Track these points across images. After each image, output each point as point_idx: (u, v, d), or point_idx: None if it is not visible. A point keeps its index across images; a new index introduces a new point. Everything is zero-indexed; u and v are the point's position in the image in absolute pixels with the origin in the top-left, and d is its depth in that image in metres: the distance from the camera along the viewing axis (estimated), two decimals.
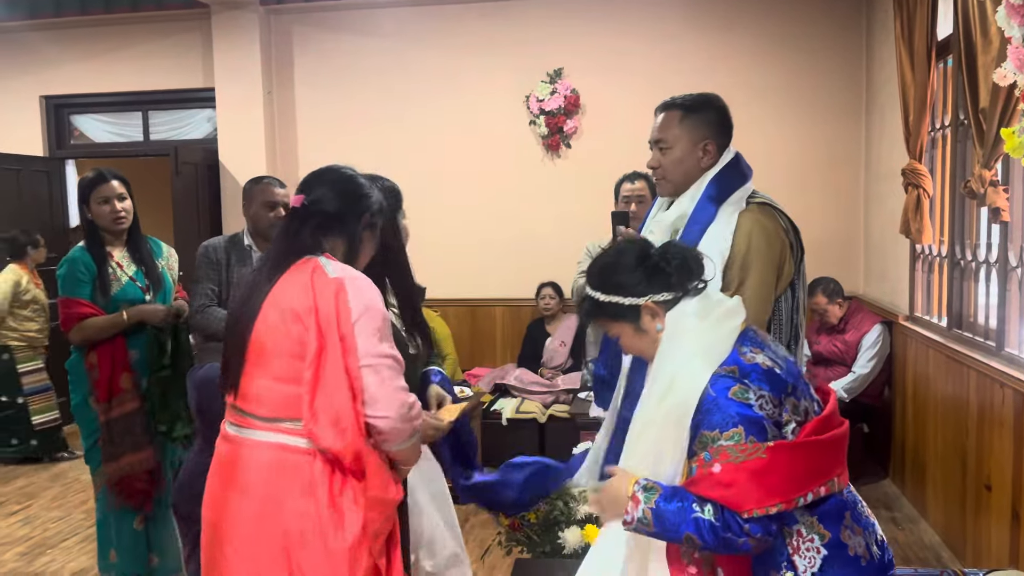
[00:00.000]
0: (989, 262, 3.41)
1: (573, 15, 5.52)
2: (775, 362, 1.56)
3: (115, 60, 6.13)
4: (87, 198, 3.09)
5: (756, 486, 1.45)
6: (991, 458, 3.16)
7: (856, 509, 1.59)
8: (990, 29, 2.98)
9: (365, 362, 1.66)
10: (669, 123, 2.13)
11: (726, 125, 2.14)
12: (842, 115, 5.32)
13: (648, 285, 1.63)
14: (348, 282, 1.70)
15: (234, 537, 1.74)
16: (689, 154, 2.10)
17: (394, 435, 1.71)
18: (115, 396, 3.05)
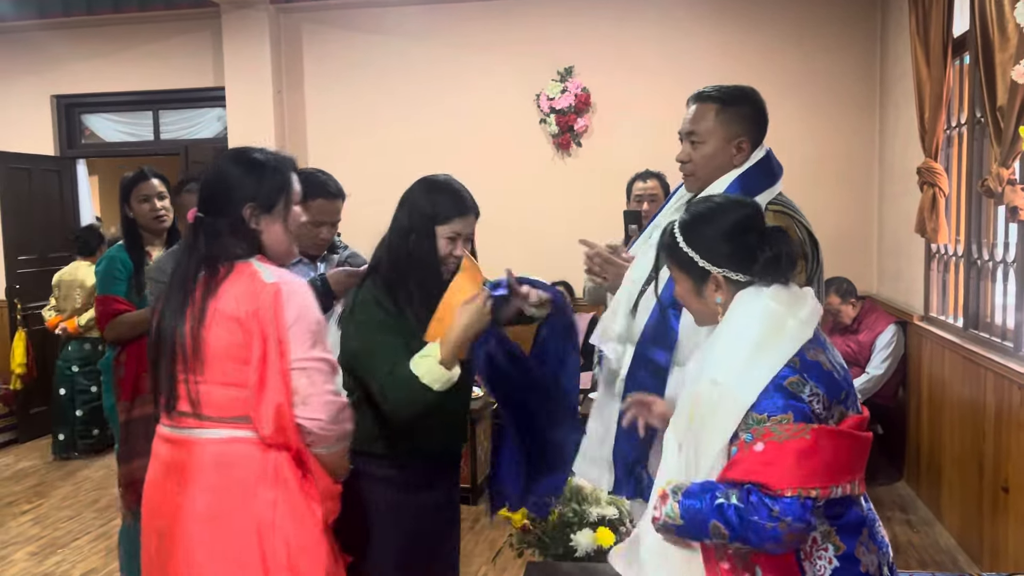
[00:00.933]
0: (1006, 262, 3.37)
1: (583, 13, 5.50)
2: (834, 367, 1.53)
3: (125, 59, 6.14)
4: (128, 196, 3.08)
5: (798, 466, 1.42)
6: (1009, 460, 3.12)
7: (875, 527, 1.56)
8: (1007, 26, 2.94)
9: (297, 365, 1.72)
10: (703, 116, 2.02)
11: (762, 121, 2.04)
12: (856, 112, 5.28)
13: (730, 258, 1.57)
14: (283, 287, 1.75)
15: (196, 539, 1.72)
16: (722, 151, 2.00)
17: (322, 437, 1.75)
18: (138, 396, 2.97)
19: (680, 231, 1.63)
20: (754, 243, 1.57)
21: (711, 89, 2.04)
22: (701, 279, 1.60)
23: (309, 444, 1.75)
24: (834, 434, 1.46)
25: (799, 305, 1.55)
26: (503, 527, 3.76)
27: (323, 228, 2.60)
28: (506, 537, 2.85)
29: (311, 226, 2.56)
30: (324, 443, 1.76)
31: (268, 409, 1.70)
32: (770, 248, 1.56)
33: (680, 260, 1.62)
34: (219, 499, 1.72)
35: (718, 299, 1.59)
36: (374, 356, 1.92)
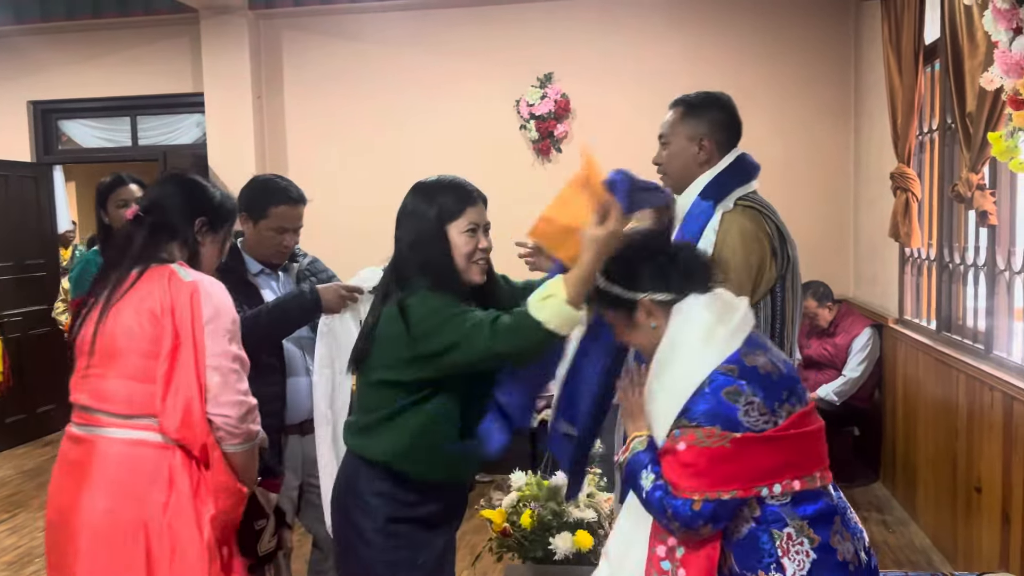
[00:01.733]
0: (977, 265, 3.43)
1: (563, 20, 5.54)
2: (775, 366, 1.58)
3: (103, 65, 6.10)
4: (105, 201, 3.05)
5: (711, 470, 1.50)
6: (981, 461, 3.17)
7: (846, 515, 1.61)
8: (977, 33, 3.00)
9: (212, 362, 1.78)
10: (672, 119, 2.16)
11: (731, 125, 2.15)
12: (831, 118, 5.34)
13: (651, 282, 1.64)
14: (201, 286, 1.82)
15: (88, 534, 1.78)
16: (685, 149, 2.11)
17: (230, 434, 1.82)
18: None
19: (601, 275, 1.69)
20: (665, 261, 1.65)
21: (685, 95, 2.17)
22: (631, 311, 1.66)
23: (219, 441, 1.81)
24: (757, 440, 1.50)
25: (730, 313, 1.60)
26: (484, 532, 3.76)
27: (286, 235, 2.55)
28: (486, 542, 2.86)
29: (274, 233, 2.53)
30: (231, 441, 1.82)
31: (176, 404, 1.76)
32: (681, 261, 1.65)
33: (607, 300, 1.69)
34: (113, 498, 1.78)
35: (653, 324, 1.64)
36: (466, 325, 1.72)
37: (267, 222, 2.52)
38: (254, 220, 2.54)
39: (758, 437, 1.50)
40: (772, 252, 2.03)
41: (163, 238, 1.90)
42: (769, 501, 1.53)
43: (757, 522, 1.54)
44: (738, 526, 1.55)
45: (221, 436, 1.81)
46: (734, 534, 1.55)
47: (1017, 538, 2.84)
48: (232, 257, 2.56)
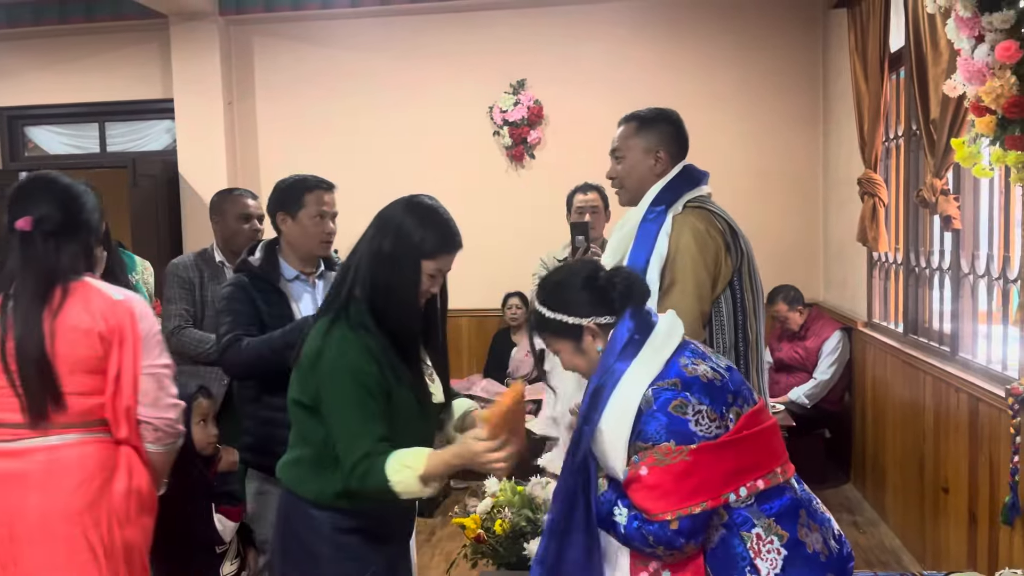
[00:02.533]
0: (942, 269, 3.49)
1: (536, 27, 5.56)
2: (717, 372, 1.60)
3: (71, 71, 6.02)
4: None
5: (677, 488, 1.51)
6: (947, 461, 3.22)
7: (811, 506, 1.62)
8: (940, 42, 3.07)
9: (148, 371, 1.93)
10: (625, 134, 2.24)
11: (680, 138, 2.24)
12: (801, 124, 5.41)
13: (592, 307, 1.68)
14: (134, 304, 1.96)
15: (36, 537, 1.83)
16: (641, 161, 2.20)
17: (168, 434, 1.98)
18: None
19: (542, 305, 1.73)
20: (605, 285, 1.69)
21: (635, 111, 2.26)
22: (577, 336, 1.69)
23: (153, 441, 1.95)
24: (714, 448, 1.52)
25: (653, 335, 1.63)
26: (458, 539, 3.76)
27: (327, 220, 2.54)
28: (460, 548, 2.85)
29: (317, 219, 2.51)
30: (167, 439, 1.98)
31: (121, 412, 1.91)
32: (619, 283, 1.68)
33: (553, 328, 1.72)
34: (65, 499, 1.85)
35: (599, 347, 1.68)
36: (352, 426, 1.74)
37: (306, 211, 2.50)
38: (292, 214, 2.52)
39: (714, 444, 1.52)
40: (726, 246, 2.12)
41: (72, 254, 1.92)
42: (735, 504, 1.54)
43: (727, 528, 1.55)
44: (709, 535, 1.56)
45: (159, 436, 1.95)
46: (707, 544, 1.56)
47: (984, 537, 2.89)
48: (267, 262, 2.54)
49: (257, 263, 2.54)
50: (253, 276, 2.52)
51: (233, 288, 2.51)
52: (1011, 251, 2.83)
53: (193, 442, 2.39)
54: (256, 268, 2.53)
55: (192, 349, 3.01)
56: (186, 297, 3.05)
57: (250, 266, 2.54)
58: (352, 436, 1.74)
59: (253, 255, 2.58)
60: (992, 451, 2.80)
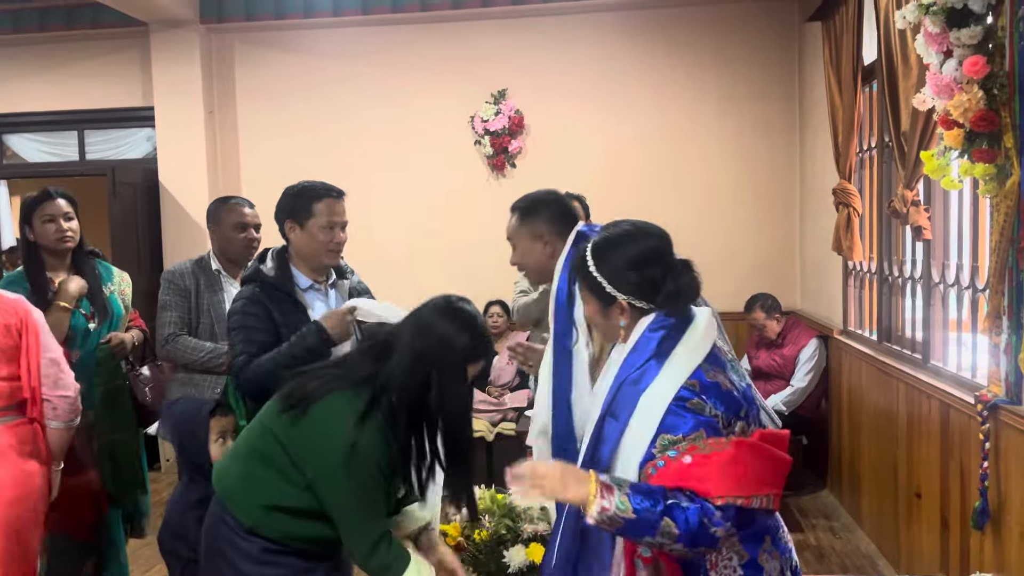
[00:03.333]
0: (914, 278, 3.55)
1: (517, 37, 5.60)
2: (733, 386, 1.60)
3: (50, 79, 5.99)
4: (30, 217, 2.89)
5: (725, 476, 1.49)
6: (920, 467, 3.28)
7: (777, 535, 1.64)
8: (910, 56, 3.13)
9: (48, 356, 2.40)
10: (512, 225, 2.36)
11: (564, 215, 2.31)
12: (778, 135, 5.49)
13: (633, 288, 1.64)
14: (22, 301, 2.43)
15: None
16: (531, 247, 2.31)
17: (69, 411, 2.43)
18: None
19: (591, 255, 1.69)
20: (658, 276, 1.64)
21: (517, 201, 2.36)
22: (607, 303, 1.67)
23: (54, 418, 2.39)
24: (752, 447, 1.52)
25: (690, 332, 1.61)
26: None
27: (336, 230, 2.47)
28: None
29: (326, 229, 2.44)
30: (68, 417, 2.42)
31: (36, 391, 2.34)
32: (673, 281, 1.63)
33: (590, 283, 1.69)
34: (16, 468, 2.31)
35: (622, 322, 1.66)
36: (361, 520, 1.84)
37: (315, 220, 2.44)
38: (301, 222, 2.45)
39: (752, 444, 1.52)
40: None
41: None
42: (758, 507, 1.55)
43: None
44: None
45: (59, 414, 2.40)
46: None
47: (955, 542, 2.95)
48: (280, 272, 2.46)
49: (271, 272, 2.46)
50: (267, 286, 2.43)
51: (246, 303, 2.41)
52: (980, 261, 2.90)
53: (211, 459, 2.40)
54: (271, 278, 2.45)
55: (186, 357, 3.00)
56: (182, 305, 3.03)
57: (264, 275, 2.45)
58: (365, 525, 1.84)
59: (264, 263, 2.50)
60: (963, 457, 2.86)
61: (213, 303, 3.06)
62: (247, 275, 2.51)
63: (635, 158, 5.51)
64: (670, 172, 5.45)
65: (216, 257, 3.14)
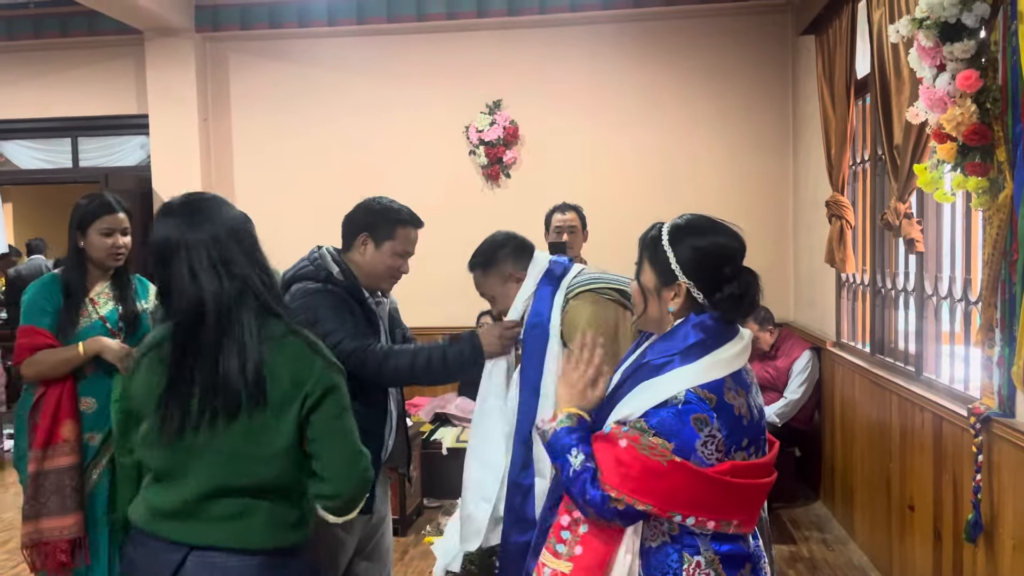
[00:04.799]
0: (907, 290, 3.56)
1: (512, 48, 5.63)
2: (749, 411, 1.57)
3: (44, 85, 5.99)
4: (86, 225, 2.74)
5: (640, 478, 1.50)
6: (913, 479, 3.28)
7: (758, 565, 1.63)
8: (903, 71, 3.15)
9: None
10: (480, 281, 2.39)
11: (521, 249, 2.37)
12: (771, 148, 5.52)
13: (697, 276, 1.61)
14: None
15: None
16: (507, 291, 2.34)
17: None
18: (51, 445, 2.63)
19: (668, 231, 1.66)
20: (727, 275, 1.61)
21: (472, 258, 2.40)
22: (666, 281, 1.63)
23: None
24: (689, 472, 1.50)
25: (726, 347, 1.59)
26: (431, 558, 3.74)
27: (405, 260, 2.44)
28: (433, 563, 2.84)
29: (398, 256, 2.40)
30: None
31: None
32: (737, 285, 1.60)
33: (657, 255, 1.65)
34: None
35: (671, 308, 1.63)
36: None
37: (393, 244, 2.39)
38: (378, 241, 2.39)
39: (693, 470, 1.50)
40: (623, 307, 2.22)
41: None
42: (691, 527, 1.55)
43: (673, 540, 1.56)
44: (655, 535, 1.57)
45: None
46: (648, 541, 1.57)
47: (948, 554, 2.95)
48: (352, 278, 2.38)
49: (341, 277, 2.37)
50: (342, 291, 2.35)
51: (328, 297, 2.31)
52: (973, 274, 2.91)
53: None
54: (343, 282, 2.37)
55: None
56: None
57: (335, 279, 2.36)
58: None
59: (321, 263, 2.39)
60: (956, 469, 2.86)
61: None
62: (308, 272, 2.37)
63: (629, 169, 5.53)
64: (663, 183, 5.47)
65: None
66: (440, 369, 2.32)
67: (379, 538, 2.56)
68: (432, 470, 4.65)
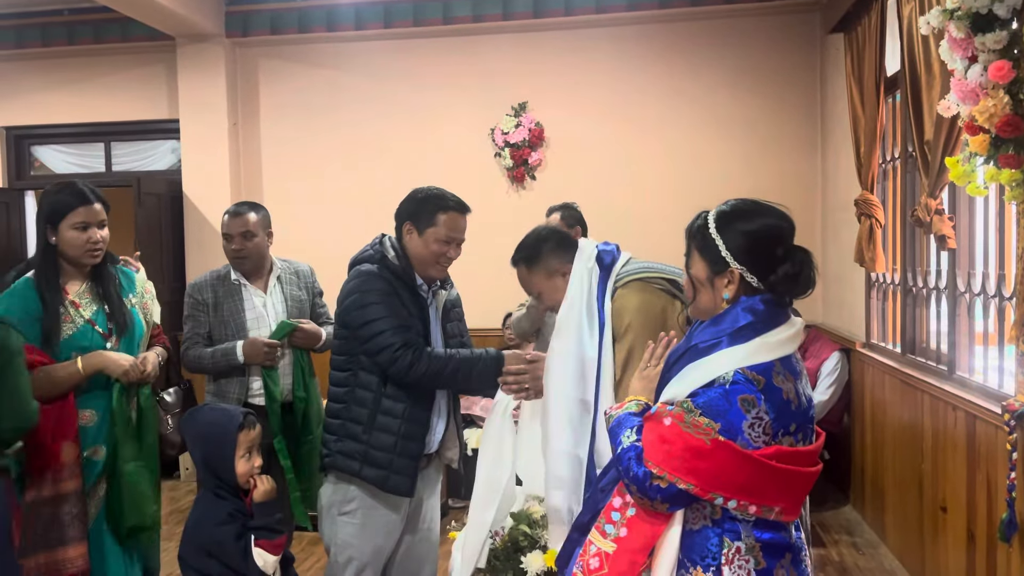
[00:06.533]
0: (939, 288, 3.51)
1: (537, 50, 5.64)
2: (796, 398, 1.56)
3: (78, 91, 6.10)
4: (58, 219, 2.45)
5: (683, 458, 1.51)
6: (945, 480, 3.23)
7: (799, 556, 1.62)
8: (934, 65, 3.12)
9: None
10: (524, 277, 2.38)
11: (564, 242, 2.35)
12: (799, 147, 5.47)
13: (751, 260, 1.59)
14: None
15: None
16: (553, 286, 2.32)
17: None
18: (50, 470, 2.35)
19: (714, 218, 1.64)
20: (779, 255, 1.59)
21: (515, 253, 2.38)
22: (718, 269, 1.61)
23: None
24: (733, 453, 1.49)
25: (777, 331, 1.57)
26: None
27: (452, 246, 2.48)
28: None
29: (442, 243, 2.43)
30: None
31: None
32: (792, 265, 1.59)
33: (706, 244, 1.63)
34: None
35: (726, 295, 1.61)
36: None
37: (435, 230, 2.43)
38: (421, 229, 2.45)
39: (738, 451, 1.49)
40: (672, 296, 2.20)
41: None
42: (733, 511, 1.54)
43: (714, 523, 1.56)
44: (696, 518, 1.57)
45: None
46: (690, 524, 1.58)
47: (982, 556, 2.89)
48: (405, 262, 2.46)
49: (397, 261, 2.45)
50: (391, 272, 2.45)
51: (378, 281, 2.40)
52: (1007, 269, 2.86)
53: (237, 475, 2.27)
54: (396, 266, 2.45)
55: (199, 367, 3.07)
56: (200, 318, 3.06)
57: (390, 262, 2.45)
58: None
59: (381, 247, 2.49)
60: (989, 469, 2.81)
61: (233, 312, 3.07)
62: (367, 256, 2.48)
63: (655, 171, 5.51)
64: (690, 184, 5.43)
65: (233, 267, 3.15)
66: (464, 382, 2.45)
67: (419, 520, 2.70)
68: (459, 470, 4.64)
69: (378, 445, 2.42)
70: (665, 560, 1.56)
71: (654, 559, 1.58)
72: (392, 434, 2.43)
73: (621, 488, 1.64)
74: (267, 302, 3.12)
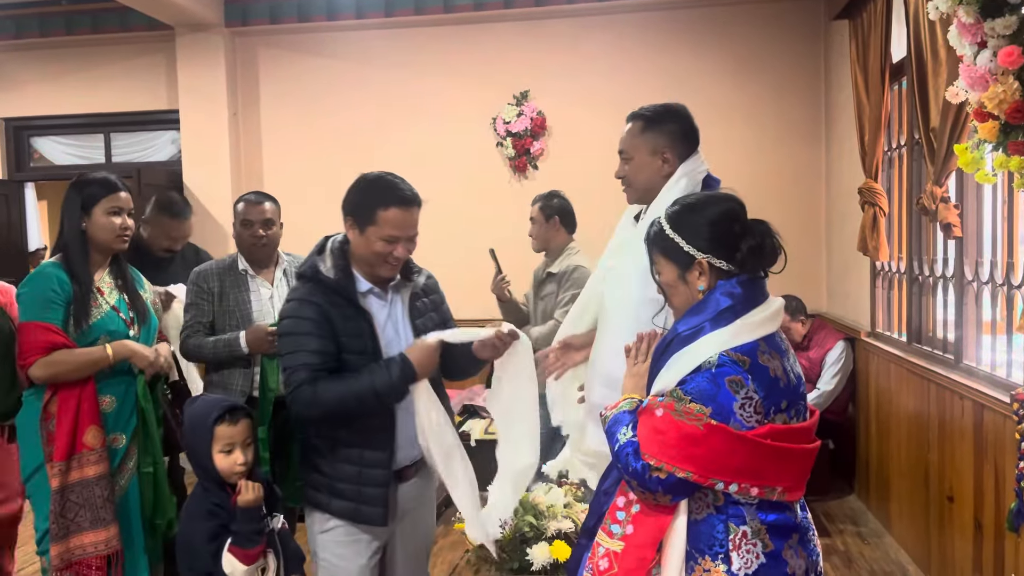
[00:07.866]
0: (946, 277, 3.49)
1: (539, 39, 5.60)
2: (784, 375, 1.57)
3: (77, 82, 6.07)
4: (91, 205, 2.52)
5: (679, 446, 1.51)
6: (952, 470, 3.21)
7: (806, 535, 1.62)
8: (940, 52, 3.09)
9: None
10: (631, 134, 2.18)
11: (689, 135, 2.17)
12: (803, 136, 5.43)
13: (713, 245, 1.62)
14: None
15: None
16: (648, 163, 2.13)
17: None
18: (76, 455, 2.41)
19: (667, 220, 1.68)
20: (738, 232, 1.63)
21: (642, 108, 2.19)
22: (686, 265, 1.64)
23: None
24: (729, 435, 1.50)
25: (757, 311, 1.59)
26: (460, 547, 3.74)
27: (399, 245, 2.16)
28: (463, 554, 2.84)
29: (384, 242, 2.13)
30: None
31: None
32: (752, 237, 1.62)
33: (666, 247, 1.67)
34: None
35: (700, 286, 1.63)
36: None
37: (376, 229, 2.14)
38: (360, 227, 2.17)
39: (732, 433, 1.50)
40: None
41: None
42: (735, 495, 1.54)
43: (718, 511, 1.56)
44: (700, 508, 1.57)
45: None
46: (694, 514, 1.57)
47: (989, 546, 2.88)
48: (341, 273, 2.18)
49: (330, 272, 2.17)
50: (325, 287, 2.16)
51: (299, 305, 2.15)
52: (1015, 257, 2.83)
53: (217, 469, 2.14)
54: (329, 279, 2.16)
55: (200, 355, 3.03)
56: (204, 306, 3.00)
57: (321, 275, 2.17)
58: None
59: (320, 256, 2.22)
60: (997, 458, 2.79)
61: (239, 303, 3.03)
62: (301, 271, 2.25)
63: None
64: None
65: (242, 256, 3.11)
66: (374, 403, 2.10)
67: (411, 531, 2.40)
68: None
69: (342, 476, 2.17)
70: (674, 553, 1.55)
71: (663, 553, 1.57)
72: (354, 464, 2.17)
73: (624, 487, 1.64)
74: (273, 295, 3.09)
